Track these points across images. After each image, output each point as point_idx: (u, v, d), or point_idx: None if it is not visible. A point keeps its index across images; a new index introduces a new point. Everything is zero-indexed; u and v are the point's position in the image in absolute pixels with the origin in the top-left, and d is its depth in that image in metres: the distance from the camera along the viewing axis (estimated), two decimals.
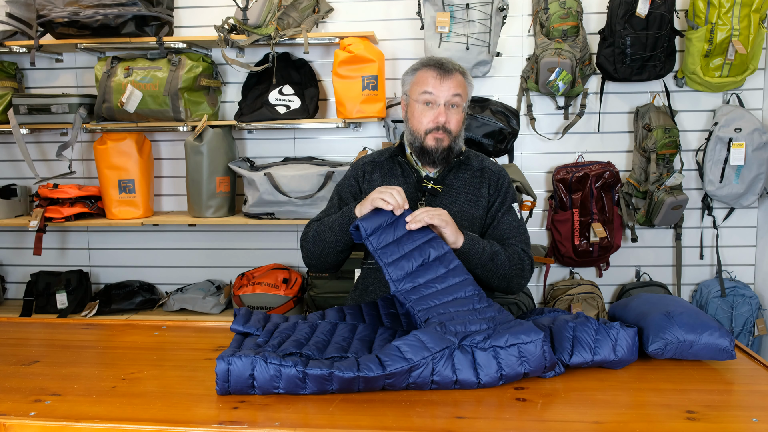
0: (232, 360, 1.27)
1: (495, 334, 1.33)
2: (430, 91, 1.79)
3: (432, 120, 1.79)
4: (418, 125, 1.81)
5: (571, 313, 1.66)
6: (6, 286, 3.37)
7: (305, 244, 1.83)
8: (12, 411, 1.22)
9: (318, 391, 1.27)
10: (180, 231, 3.27)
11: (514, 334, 1.32)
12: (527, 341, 1.31)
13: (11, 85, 3.05)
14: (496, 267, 1.71)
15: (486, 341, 1.31)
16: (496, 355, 1.30)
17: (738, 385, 1.35)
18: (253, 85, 2.98)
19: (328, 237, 1.74)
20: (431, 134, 1.79)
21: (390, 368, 1.25)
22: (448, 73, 1.80)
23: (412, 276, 1.50)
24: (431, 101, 1.80)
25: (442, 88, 1.78)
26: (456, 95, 1.79)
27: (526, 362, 1.31)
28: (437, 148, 1.80)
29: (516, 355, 1.30)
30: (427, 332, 1.33)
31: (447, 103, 1.79)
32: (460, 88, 1.81)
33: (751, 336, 2.91)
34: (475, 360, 1.30)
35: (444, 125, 1.79)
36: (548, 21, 2.79)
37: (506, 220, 1.85)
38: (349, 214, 1.69)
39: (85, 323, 1.87)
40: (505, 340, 1.31)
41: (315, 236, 1.79)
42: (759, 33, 2.69)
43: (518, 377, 1.32)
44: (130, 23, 2.77)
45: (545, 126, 3.02)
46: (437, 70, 1.80)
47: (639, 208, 2.94)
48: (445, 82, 1.79)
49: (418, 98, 1.81)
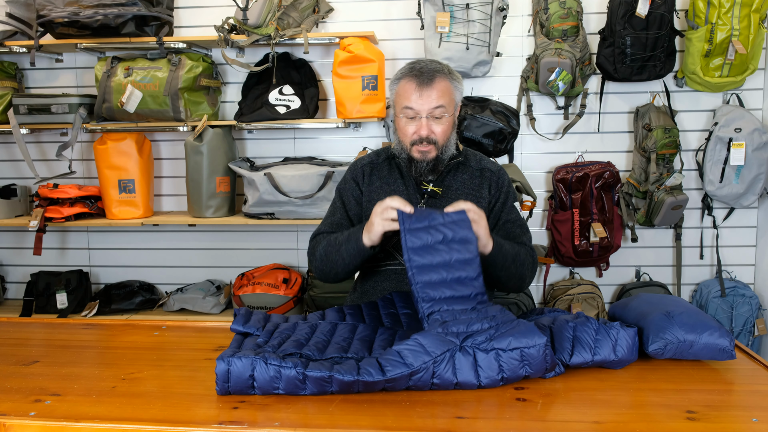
0: (232, 361, 1.26)
1: (497, 335, 1.32)
2: (411, 107, 1.74)
3: (415, 133, 1.76)
4: (404, 137, 1.79)
5: (571, 313, 1.66)
6: (6, 286, 3.37)
7: (314, 261, 1.83)
8: (12, 411, 1.22)
9: (318, 392, 1.27)
10: (180, 231, 3.27)
11: (517, 338, 1.30)
12: (530, 345, 1.30)
13: (11, 85, 3.05)
14: (517, 268, 1.73)
15: (488, 342, 1.30)
16: (498, 358, 1.30)
17: (738, 385, 1.35)
18: (253, 85, 2.98)
19: (336, 259, 1.75)
20: (416, 147, 1.77)
21: (390, 374, 1.25)
22: (428, 84, 1.73)
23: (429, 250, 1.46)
24: (413, 116, 1.76)
25: (422, 102, 1.73)
26: (438, 107, 1.73)
27: (528, 365, 1.31)
28: (423, 159, 1.78)
29: (518, 358, 1.30)
30: (428, 335, 1.32)
31: (429, 115, 1.75)
32: (443, 97, 1.74)
33: (751, 336, 2.91)
34: (477, 362, 1.30)
35: (428, 137, 1.75)
36: (548, 21, 2.79)
37: (510, 220, 1.85)
38: (356, 241, 1.67)
39: (85, 323, 1.87)
40: (507, 343, 1.30)
41: (323, 257, 1.78)
42: (759, 33, 2.69)
43: (518, 379, 1.32)
44: (130, 23, 2.77)
45: (545, 126, 3.02)
46: (417, 81, 1.73)
47: (639, 208, 2.94)
48: (425, 93, 1.73)
49: (400, 113, 1.78)
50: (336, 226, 1.87)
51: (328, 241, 1.78)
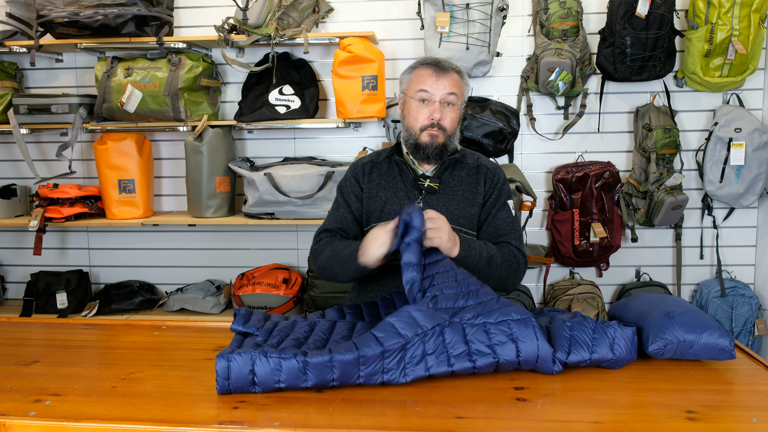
0: (231, 357, 1.27)
1: (484, 312, 1.38)
2: (426, 89, 1.82)
3: (427, 117, 1.82)
4: (414, 122, 1.84)
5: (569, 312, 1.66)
6: (6, 286, 3.37)
7: (317, 263, 1.83)
8: (12, 411, 1.22)
9: (319, 382, 1.27)
10: (180, 231, 3.27)
11: (504, 311, 1.37)
12: (517, 318, 1.36)
13: (11, 85, 3.06)
14: (492, 271, 1.72)
15: (477, 318, 1.36)
16: (487, 330, 1.35)
17: (738, 385, 1.35)
18: (253, 85, 2.98)
19: (339, 272, 1.75)
20: (426, 131, 1.82)
21: (387, 343, 1.28)
22: (444, 72, 1.83)
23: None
24: (427, 98, 1.82)
25: (437, 86, 1.81)
26: (451, 93, 1.82)
27: (519, 341, 1.34)
28: (431, 143, 1.82)
29: (507, 330, 1.35)
30: (419, 310, 1.37)
31: (442, 100, 1.82)
32: (456, 87, 1.83)
33: (751, 336, 2.91)
34: (466, 335, 1.34)
35: (439, 122, 1.81)
36: (548, 21, 2.79)
37: (501, 217, 1.86)
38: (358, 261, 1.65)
39: (85, 323, 1.87)
40: (494, 317, 1.36)
41: (326, 266, 1.79)
42: (759, 33, 2.69)
43: (513, 365, 1.34)
44: (130, 23, 2.77)
45: (545, 126, 3.02)
46: (434, 68, 1.83)
47: (639, 208, 2.94)
48: (440, 80, 1.82)
49: (414, 95, 1.84)
50: (341, 221, 1.90)
51: (332, 252, 1.76)
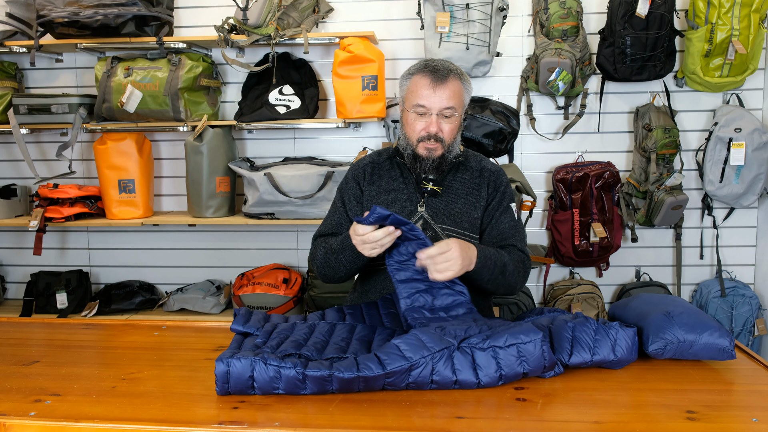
0: (231, 362, 1.26)
1: (494, 335, 1.33)
2: (422, 104, 1.76)
3: (424, 129, 1.78)
4: (411, 133, 1.80)
5: (570, 313, 1.67)
6: (6, 286, 3.37)
7: (315, 265, 1.85)
8: (12, 411, 1.22)
9: (318, 391, 1.27)
10: (180, 231, 3.27)
11: (513, 334, 1.32)
12: (526, 341, 1.31)
13: (11, 85, 3.05)
14: (506, 279, 1.72)
15: (485, 341, 1.32)
16: (495, 356, 1.30)
17: (738, 385, 1.35)
18: (253, 85, 2.98)
19: (336, 266, 1.76)
20: (423, 143, 1.78)
21: (390, 367, 1.26)
22: (442, 82, 1.75)
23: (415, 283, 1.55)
24: (423, 112, 1.78)
25: (434, 99, 1.75)
26: (449, 108, 1.76)
27: (525, 362, 1.31)
28: (428, 157, 1.79)
29: (515, 354, 1.31)
30: (427, 332, 1.34)
31: (440, 113, 1.77)
32: (455, 97, 1.76)
33: (751, 336, 2.91)
34: (475, 360, 1.30)
35: (436, 135, 1.77)
36: (548, 21, 2.79)
37: (504, 220, 1.85)
38: (352, 248, 1.63)
39: (85, 323, 1.87)
40: (504, 340, 1.31)
41: (323, 263, 1.80)
42: (759, 33, 2.69)
43: (518, 377, 1.32)
44: (130, 23, 2.77)
45: (545, 126, 3.02)
46: (431, 78, 1.75)
47: (639, 208, 2.94)
48: (438, 91, 1.75)
49: (411, 108, 1.80)
50: (335, 226, 1.89)
51: (326, 249, 1.79)
